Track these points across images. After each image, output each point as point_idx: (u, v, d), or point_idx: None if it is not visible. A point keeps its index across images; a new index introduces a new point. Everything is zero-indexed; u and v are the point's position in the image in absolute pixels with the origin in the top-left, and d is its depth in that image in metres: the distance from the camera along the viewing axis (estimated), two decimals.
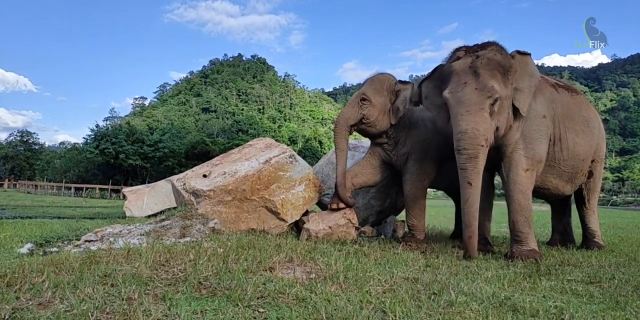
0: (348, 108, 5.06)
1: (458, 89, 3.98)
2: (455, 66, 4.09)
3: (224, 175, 4.96)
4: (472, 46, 4.19)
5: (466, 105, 3.90)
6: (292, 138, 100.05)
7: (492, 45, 4.10)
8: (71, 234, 4.72)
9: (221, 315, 1.95)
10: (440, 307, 2.21)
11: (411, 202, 5.08)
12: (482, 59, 3.96)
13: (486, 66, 3.94)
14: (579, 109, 4.88)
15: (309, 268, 3.04)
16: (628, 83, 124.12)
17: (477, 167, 3.88)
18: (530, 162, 4.25)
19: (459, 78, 4.02)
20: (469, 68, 3.98)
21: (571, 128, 4.69)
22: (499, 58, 3.99)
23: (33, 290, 2.14)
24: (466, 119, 3.88)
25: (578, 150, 4.75)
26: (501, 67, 3.98)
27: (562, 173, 4.79)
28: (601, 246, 5.12)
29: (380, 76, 5.16)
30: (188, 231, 4.29)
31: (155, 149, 31.78)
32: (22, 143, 49.21)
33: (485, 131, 3.86)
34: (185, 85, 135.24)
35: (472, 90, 3.91)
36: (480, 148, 3.85)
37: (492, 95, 3.86)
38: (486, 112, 3.87)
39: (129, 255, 2.99)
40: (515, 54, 4.18)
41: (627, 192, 62.31)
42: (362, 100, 4.98)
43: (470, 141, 3.85)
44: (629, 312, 2.32)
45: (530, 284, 2.95)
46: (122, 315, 1.87)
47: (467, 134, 3.85)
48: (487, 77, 3.90)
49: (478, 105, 3.87)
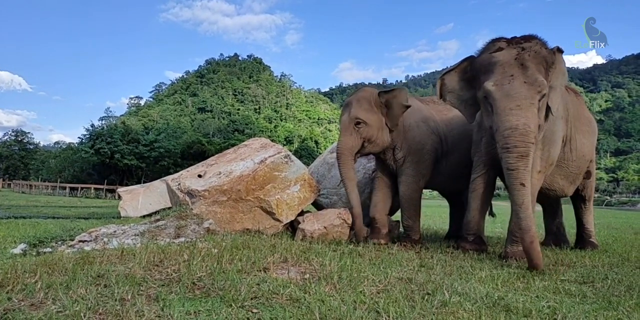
0: (346, 136, 4.82)
1: (505, 82, 3.68)
2: (498, 57, 3.78)
3: (219, 175, 4.95)
4: (513, 38, 3.91)
5: (516, 99, 3.60)
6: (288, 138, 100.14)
7: (536, 38, 3.85)
8: (65, 234, 4.69)
9: (215, 315, 1.95)
10: (433, 307, 2.22)
11: (406, 203, 5.05)
12: (529, 51, 3.70)
13: (533, 59, 3.67)
14: (583, 109, 4.92)
15: (303, 268, 3.04)
16: (623, 84, 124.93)
17: (529, 166, 3.62)
18: (544, 164, 4.16)
19: (504, 70, 3.71)
20: (515, 60, 3.69)
21: (579, 129, 4.69)
22: (545, 52, 3.75)
23: (25, 291, 2.13)
24: (517, 114, 3.58)
25: (584, 151, 4.76)
26: (545, 62, 3.75)
27: (569, 174, 4.78)
28: (596, 246, 5.15)
29: (363, 94, 5.00)
30: (183, 231, 4.27)
31: (151, 149, 31.65)
32: (16, 142, 48.93)
33: (536, 128, 3.61)
34: (181, 84, 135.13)
35: (521, 83, 3.63)
36: (531, 146, 3.58)
37: (541, 90, 3.62)
38: (536, 107, 3.62)
39: (122, 256, 2.98)
40: (556, 50, 3.91)
41: (621, 192, 62.65)
42: (356, 124, 4.80)
43: (522, 138, 3.55)
44: (622, 312, 2.34)
45: (523, 284, 2.96)
46: (114, 316, 1.87)
47: (519, 130, 3.55)
48: (535, 71, 3.65)
49: (529, 100, 3.59)
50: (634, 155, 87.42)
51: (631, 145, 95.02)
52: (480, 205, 4.52)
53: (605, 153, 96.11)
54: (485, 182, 4.48)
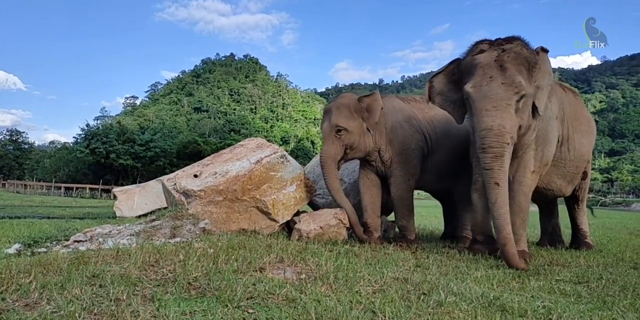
0: (328, 145, 4.85)
1: (483, 83, 3.75)
2: (479, 59, 3.85)
3: (215, 175, 4.94)
4: (496, 39, 3.97)
5: (492, 100, 3.67)
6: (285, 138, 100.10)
7: (517, 40, 3.90)
8: (60, 234, 4.67)
9: (210, 316, 1.94)
10: (429, 307, 2.22)
11: (399, 203, 5.05)
12: (509, 52, 3.75)
13: (513, 60, 3.73)
14: (582, 109, 4.94)
15: (299, 268, 3.03)
16: (617, 84, 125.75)
17: (504, 166, 3.67)
18: (538, 164, 4.18)
19: (484, 71, 3.78)
20: (495, 61, 3.76)
21: (578, 128, 4.70)
22: (526, 53, 3.80)
23: (20, 291, 2.12)
24: (492, 115, 3.65)
25: (583, 151, 4.78)
26: (527, 63, 3.79)
27: (567, 174, 4.80)
28: (591, 246, 5.18)
29: (342, 100, 4.98)
30: (178, 231, 4.26)
31: (147, 149, 31.51)
32: (11, 142, 48.61)
33: (512, 128, 3.67)
34: (177, 84, 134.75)
35: (498, 84, 3.68)
36: (506, 146, 3.65)
37: (519, 91, 3.66)
38: (512, 108, 3.67)
39: (118, 256, 2.97)
40: (539, 50, 3.96)
41: (616, 192, 63.07)
42: (337, 132, 4.79)
43: (496, 138, 3.63)
44: (616, 312, 2.35)
45: (519, 284, 2.97)
46: (110, 317, 1.86)
47: (493, 131, 3.63)
48: (514, 72, 3.69)
49: (505, 101, 3.65)
50: (628, 155, 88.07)
51: (625, 146, 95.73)
52: (486, 205, 4.43)
53: (599, 154, 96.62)
54: None
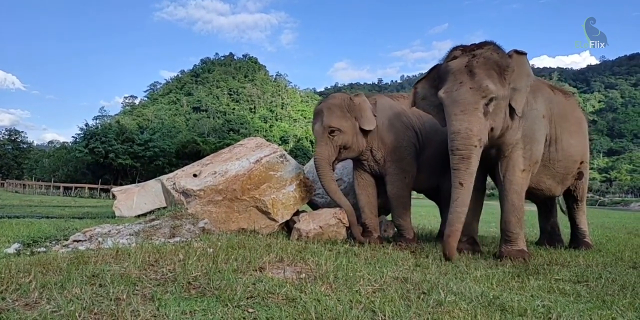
0: (322, 146, 4.82)
1: (453, 89, 3.90)
2: (451, 65, 4.00)
3: (215, 174, 4.93)
4: (469, 45, 4.08)
5: (460, 104, 3.82)
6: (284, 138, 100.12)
7: (489, 44, 4.01)
8: (59, 234, 4.67)
9: (210, 315, 1.94)
10: (429, 306, 2.22)
11: (395, 201, 5.00)
12: (479, 58, 3.87)
13: (482, 65, 3.84)
14: (573, 110, 4.93)
15: (299, 268, 3.04)
16: (616, 84, 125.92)
17: (470, 168, 3.79)
18: (528, 162, 4.22)
19: (455, 77, 3.93)
20: (465, 67, 3.89)
21: (566, 129, 4.72)
22: (496, 57, 3.89)
23: (19, 291, 2.12)
24: (460, 119, 3.80)
25: (572, 152, 4.79)
26: (497, 67, 3.88)
27: (556, 174, 4.82)
28: (590, 246, 5.18)
29: (334, 101, 4.93)
30: (178, 231, 4.26)
31: (146, 148, 31.50)
32: (10, 142, 48.47)
33: (479, 132, 3.78)
34: (176, 84, 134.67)
35: (467, 89, 3.82)
36: (473, 148, 3.77)
37: (486, 95, 3.78)
38: (480, 112, 3.79)
39: (117, 255, 2.97)
40: (513, 53, 4.07)
41: (614, 192, 63.19)
42: (330, 133, 4.75)
43: (463, 141, 3.77)
44: (616, 311, 2.35)
45: (518, 283, 2.98)
46: (110, 316, 1.86)
47: (460, 134, 3.77)
48: (483, 77, 3.81)
49: (472, 105, 3.78)
50: (627, 155, 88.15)
51: (624, 146, 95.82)
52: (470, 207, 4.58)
53: (598, 153, 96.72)
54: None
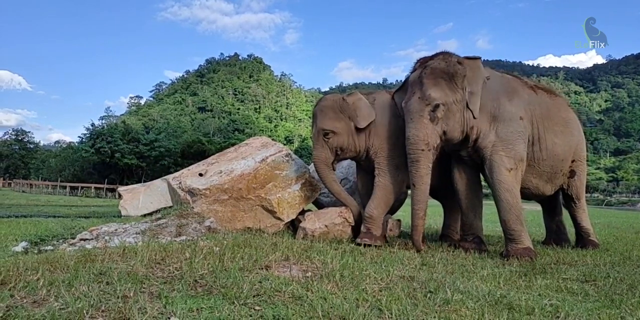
0: (318, 149, 4.80)
1: (408, 99, 4.32)
2: (410, 77, 4.49)
3: (220, 174, 4.95)
4: (427, 57, 4.50)
5: (410, 113, 4.24)
6: (289, 137, 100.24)
7: (441, 55, 4.40)
8: (66, 233, 4.70)
9: (217, 313, 1.95)
10: (436, 305, 2.22)
11: (380, 191, 4.70)
12: (427, 69, 4.27)
13: (429, 75, 4.23)
14: (558, 110, 4.96)
15: (305, 266, 3.04)
16: (623, 84, 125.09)
17: (420, 170, 4.18)
18: (513, 161, 4.32)
19: (411, 88, 4.38)
20: (418, 78, 4.31)
21: (550, 129, 4.76)
22: (443, 66, 4.26)
23: (28, 288, 2.13)
24: (410, 127, 4.22)
25: (557, 151, 4.82)
26: (445, 74, 4.23)
27: (542, 173, 4.87)
28: (596, 244, 5.14)
29: (326, 103, 4.90)
30: (184, 230, 4.28)
31: (151, 148, 31.62)
32: (17, 142, 48.81)
33: (425, 136, 4.15)
34: (182, 84, 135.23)
35: (416, 99, 4.24)
36: (420, 152, 4.16)
37: (430, 102, 4.15)
38: (425, 118, 4.17)
39: (124, 254, 2.98)
40: (464, 60, 4.38)
41: (621, 192, 62.63)
42: (325, 135, 4.73)
43: (411, 146, 4.19)
44: (624, 310, 2.34)
45: (525, 282, 2.96)
46: (117, 313, 1.87)
47: (409, 140, 4.20)
48: (429, 86, 4.18)
49: (418, 113, 4.19)
50: (634, 155, 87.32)
51: (631, 145, 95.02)
52: (471, 206, 4.71)
53: (604, 153, 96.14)
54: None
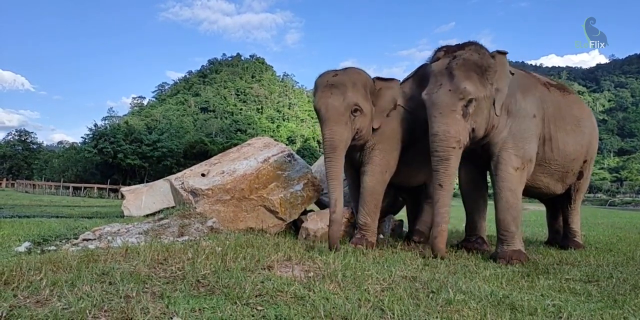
0: (342, 126, 4.07)
1: (434, 91, 3.93)
2: (433, 67, 4.05)
3: (223, 174, 4.95)
4: (453, 46, 4.10)
5: (439, 107, 3.85)
6: (291, 138, 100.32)
7: (471, 45, 4.03)
8: (69, 233, 4.72)
9: (219, 313, 1.95)
10: (438, 305, 2.21)
11: (369, 196, 4.44)
12: (458, 59, 3.89)
13: (461, 67, 3.86)
14: (571, 108, 4.79)
15: (307, 267, 3.04)
16: (626, 83, 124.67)
17: (449, 169, 3.84)
18: (521, 160, 4.14)
19: (436, 79, 3.97)
20: (445, 69, 3.92)
21: (562, 128, 4.60)
22: (476, 58, 3.91)
23: (31, 288, 2.13)
24: (438, 121, 3.84)
25: (568, 150, 4.68)
26: (478, 68, 3.89)
27: (553, 172, 4.73)
28: (580, 245, 5.04)
29: (359, 77, 4.31)
30: (186, 230, 4.28)
31: (154, 149, 31.73)
32: (20, 142, 49.06)
33: (457, 133, 3.81)
34: (184, 84, 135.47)
35: (445, 91, 3.85)
36: (451, 150, 3.81)
37: (464, 96, 3.80)
38: (458, 114, 3.82)
39: (127, 254, 2.99)
40: (496, 54, 4.07)
41: (625, 192, 62.40)
42: (354, 112, 4.14)
43: (441, 143, 3.81)
44: (627, 311, 2.33)
45: (528, 282, 2.96)
46: (120, 313, 1.87)
47: (438, 136, 3.82)
48: (461, 79, 3.82)
49: (450, 107, 3.82)
50: (638, 155, 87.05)
51: (634, 145, 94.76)
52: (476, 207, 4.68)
53: (608, 153, 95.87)
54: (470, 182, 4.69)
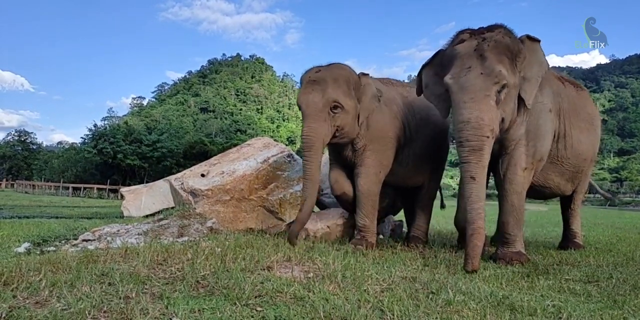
0: (319, 122, 4.02)
1: (461, 74, 3.49)
2: (459, 49, 3.59)
3: (222, 174, 4.95)
4: (478, 29, 3.70)
5: (470, 91, 3.41)
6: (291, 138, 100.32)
7: (500, 28, 3.63)
8: (69, 234, 4.71)
9: (219, 313, 1.95)
10: (438, 306, 2.21)
11: (365, 198, 4.38)
12: (489, 41, 3.48)
13: (493, 49, 3.46)
14: (584, 105, 4.64)
15: (307, 267, 3.03)
16: (626, 84, 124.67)
17: (482, 160, 3.40)
18: (531, 160, 3.93)
19: (463, 62, 3.52)
20: (475, 51, 3.49)
21: (576, 125, 4.43)
22: (508, 41, 3.53)
23: (30, 289, 2.14)
24: (470, 107, 3.39)
25: (581, 149, 4.53)
26: (509, 52, 3.52)
27: (564, 171, 4.55)
28: (580, 246, 4.98)
29: (342, 72, 4.22)
30: (186, 231, 4.28)
31: (154, 149, 31.69)
32: (19, 143, 49.04)
33: (491, 121, 3.39)
34: (184, 85, 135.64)
35: (477, 75, 3.43)
36: (485, 139, 3.37)
37: (499, 80, 3.40)
38: (492, 99, 3.41)
39: (126, 255, 2.99)
40: (525, 39, 3.72)
41: (625, 192, 62.41)
42: (333, 108, 4.06)
43: (474, 132, 3.36)
44: (627, 311, 2.32)
45: (528, 283, 2.95)
46: (119, 314, 1.87)
47: (471, 124, 3.36)
48: (494, 61, 3.42)
49: (483, 92, 3.39)
50: (638, 155, 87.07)
51: (634, 145, 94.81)
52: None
53: (608, 153, 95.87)
54: None
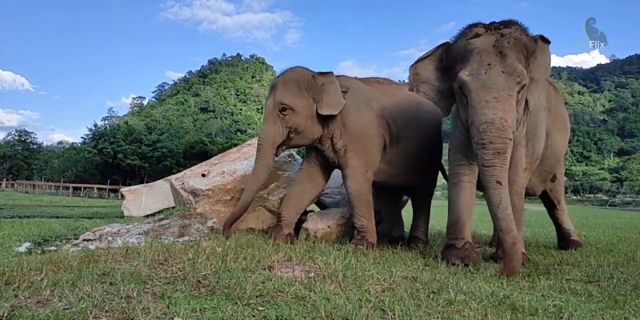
0: (269, 125, 4.15)
1: (481, 71, 3.28)
2: (475, 44, 3.37)
3: (223, 174, 4.96)
4: (491, 23, 3.49)
5: (494, 90, 3.22)
6: None
7: (516, 24, 3.45)
8: (69, 233, 4.71)
9: (220, 313, 1.95)
10: (439, 305, 2.21)
11: (356, 199, 4.33)
12: (509, 38, 3.30)
13: (513, 47, 3.29)
14: (558, 105, 4.62)
15: (307, 267, 3.03)
16: (626, 84, 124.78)
17: (506, 163, 3.24)
18: (529, 160, 3.90)
19: (481, 58, 3.31)
20: (493, 47, 3.30)
21: (555, 125, 4.40)
22: (525, 40, 3.37)
23: (31, 289, 2.13)
24: (494, 107, 3.20)
25: (557, 149, 4.51)
26: (526, 51, 3.38)
27: (542, 172, 4.48)
28: (578, 244, 4.97)
29: (292, 75, 4.27)
30: (186, 230, 4.28)
31: (154, 149, 31.74)
32: (20, 142, 49.08)
33: (513, 123, 3.24)
34: (184, 84, 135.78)
35: (499, 73, 3.24)
36: (508, 142, 3.21)
37: (520, 80, 3.25)
38: (513, 99, 3.25)
39: (127, 254, 2.99)
40: (539, 39, 3.56)
41: (625, 192, 62.38)
42: (282, 111, 4.09)
43: (498, 133, 3.17)
44: (628, 311, 2.33)
45: (529, 283, 2.95)
46: (120, 313, 1.87)
47: (495, 125, 3.17)
48: (515, 60, 3.26)
49: (506, 92, 3.22)
50: (638, 155, 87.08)
51: (635, 146, 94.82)
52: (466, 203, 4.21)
53: (608, 153, 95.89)
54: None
